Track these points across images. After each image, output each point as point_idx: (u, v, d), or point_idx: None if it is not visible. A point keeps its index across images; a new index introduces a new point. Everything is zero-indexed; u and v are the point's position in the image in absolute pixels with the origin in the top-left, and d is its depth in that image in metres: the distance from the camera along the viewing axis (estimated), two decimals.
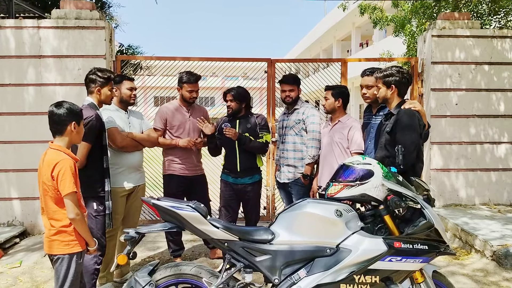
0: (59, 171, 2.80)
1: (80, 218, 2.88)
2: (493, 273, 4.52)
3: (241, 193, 4.66)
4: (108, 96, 3.80)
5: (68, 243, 2.92)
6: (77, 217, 2.85)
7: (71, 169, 2.83)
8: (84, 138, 3.49)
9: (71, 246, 2.93)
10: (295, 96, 4.65)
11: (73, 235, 2.93)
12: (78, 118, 2.99)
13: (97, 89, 3.72)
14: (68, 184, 2.80)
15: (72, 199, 2.83)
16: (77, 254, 2.96)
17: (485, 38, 6.48)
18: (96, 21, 5.89)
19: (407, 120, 3.30)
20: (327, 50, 34.00)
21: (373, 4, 10.84)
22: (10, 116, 5.83)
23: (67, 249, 2.92)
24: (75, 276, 2.95)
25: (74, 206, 2.84)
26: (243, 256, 2.83)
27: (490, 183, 6.54)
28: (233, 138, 4.46)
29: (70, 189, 2.80)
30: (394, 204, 2.75)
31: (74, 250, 2.94)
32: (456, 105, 6.45)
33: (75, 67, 5.86)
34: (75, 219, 2.86)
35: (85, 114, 3.54)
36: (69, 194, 2.81)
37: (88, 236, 2.99)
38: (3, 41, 5.82)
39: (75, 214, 2.84)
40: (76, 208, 2.85)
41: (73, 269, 2.94)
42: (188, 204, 2.83)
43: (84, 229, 2.95)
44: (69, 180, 2.80)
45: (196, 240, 5.55)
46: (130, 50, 10.54)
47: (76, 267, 2.96)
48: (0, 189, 5.85)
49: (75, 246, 2.94)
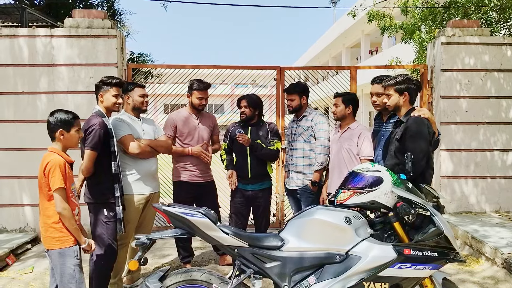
0: (50, 168, 3.00)
1: (68, 213, 3.03)
2: (504, 281, 4.49)
3: (252, 199, 4.67)
4: (112, 103, 3.81)
5: (58, 239, 3.06)
6: (63, 211, 3.01)
7: (60, 167, 3.01)
8: (89, 145, 3.56)
9: (62, 241, 3.06)
10: (295, 105, 4.66)
11: (64, 231, 3.07)
12: (66, 126, 3.13)
13: (100, 96, 3.79)
14: (56, 180, 2.99)
15: (61, 194, 3.01)
16: (69, 249, 3.07)
17: (495, 45, 6.47)
18: (108, 29, 5.97)
19: (416, 128, 3.31)
20: (336, 57, 33.99)
21: (382, 11, 10.85)
22: (23, 123, 5.92)
23: (58, 245, 3.06)
24: (72, 270, 3.05)
25: (62, 200, 3.01)
26: (252, 263, 2.84)
27: (500, 191, 6.50)
28: (246, 144, 4.48)
29: (58, 184, 2.99)
30: (404, 211, 2.75)
31: (65, 245, 3.07)
32: (466, 112, 6.43)
33: (87, 76, 5.93)
34: (62, 213, 3.01)
35: (90, 123, 3.62)
36: (58, 189, 3.00)
37: (77, 232, 3.10)
38: (17, 50, 5.91)
39: (62, 209, 3.00)
40: (64, 203, 3.02)
41: (68, 264, 3.06)
42: (198, 210, 2.85)
43: (71, 224, 3.06)
44: (58, 176, 2.99)
45: (205, 247, 5.57)
46: (141, 58, 10.64)
47: (70, 261, 3.06)
48: (12, 195, 5.94)
49: (67, 241, 3.07)
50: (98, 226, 3.68)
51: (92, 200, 3.70)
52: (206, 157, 4.66)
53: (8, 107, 5.93)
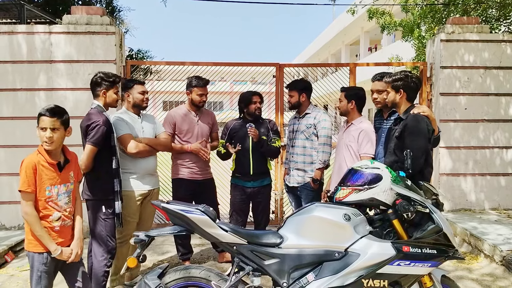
0: (20, 168, 2.91)
1: (29, 218, 2.90)
2: (502, 278, 4.50)
3: (253, 196, 4.66)
4: (114, 99, 3.82)
5: (30, 242, 2.99)
6: (25, 216, 2.90)
7: (27, 169, 2.88)
8: (91, 140, 3.54)
9: (33, 245, 2.98)
10: (294, 102, 4.65)
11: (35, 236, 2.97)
12: (37, 121, 3.08)
13: (102, 92, 3.76)
14: (20, 181, 2.89)
15: (23, 197, 2.89)
16: (40, 254, 2.98)
17: (495, 43, 6.47)
18: (107, 26, 5.95)
19: (415, 125, 3.31)
20: (336, 54, 33.95)
21: (382, 9, 10.83)
22: (21, 120, 5.91)
23: (31, 247, 2.99)
24: (38, 276, 2.97)
25: (25, 204, 2.89)
26: (251, 260, 2.84)
27: (499, 188, 6.51)
28: (255, 139, 4.49)
29: (20, 187, 2.88)
30: (403, 208, 2.75)
31: (35, 249, 2.97)
32: (465, 109, 6.43)
33: (86, 72, 5.92)
34: (24, 218, 2.92)
35: (93, 118, 3.59)
36: (20, 192, 2.89)
37: (44, 239, 2.94)
38: (15, 46, 5.90)
39: (24, 213, 2.90)
40: (27, 207, 2.88)
41: (35, 268, 2.98)
42: (197, 207, 2.85)
43: (36, 230, 2.92)
44: (23, 178, 2.88)
45: (204, 244, 5.57)
46: (140, 55, 10.59)
47: (39, 267, 2.97)
48: (11, 192, 5.92)
49: (37, 246, 2.97)
50: (96, 223, 3.67)
51: (91, 196, 3.69)
52: (205, 154, 4.65)
53: (6, 104, 5.92)
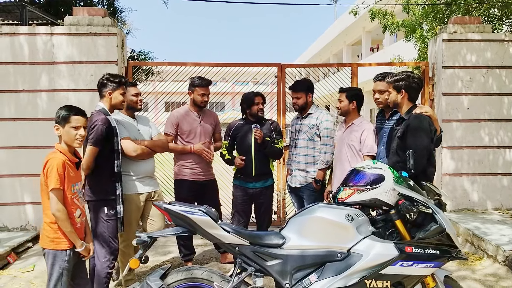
0: (48, 167, 2.94)
1: (61, 215, 2.94)
2: (505, 278, 4.48)
3: (255, 197, 4.65)
4: (119, 101, 3.82)
5: (53, 240, 3.00)
6: (57, 213, 2.93)
7: (58, 167, 2.93)
8: (90, 141, 3.54)
9: (56, 243, 3.00)
10: (302, 103, 4.64)
11: (59, 233, 3.00)
12: (62, 121, 3.09)
13: (108, 93, 3.76)
14: (52, 179, 2.92)
15: (56, 195, 2.93)
16: (62, 252, 3.00)
17: (497, 42, 6.45)
18: (108, 27, 5.95)
19: (417, 125, 3.30)
20: (338, 54, 33.94)
21: (384, 9, 10.82)
22: (23, 121, 5.91)
23: (52, 245, 3.00)
24: (59, 273, 2.99)
25: (57, 202, 2.93)
26: (254, 261, 2.83)
27: (502, 188, 6.49)
28: (259, 140, 4.49)
29: (53, 184, 2.91)
30: (406, 208, 2.74)
31: (58, 247, 3.00)
32: (467, 109, 6.41)
33: (88, 73, 5.92)
34: (55, 215, 2.94)
35: (93, 119, 3.61)
36: (53, 190, 2.92)
37: (72, 236, 3.00)
38: (17, 48, 5.90)
39: (56, 210, 2.93)
40: (59, 204, 2.93)
41: (57, 266, 2.99)
42: (199, 208, 2.84)
43: (66, 227, 2.97)
44: (54, 176, 2.92)
45: (206, 245, 5.56)
46: (142, 56, 10.60)
47: (61, 264, 3.00)
48: (13, 194, 5.93)
49: (61, 244, 3.00)
50: (99, 224, 3.67)
51: (93, 197, 3.69)
52: (208, 155, 4.65)
53: (8, 105, 5.92)
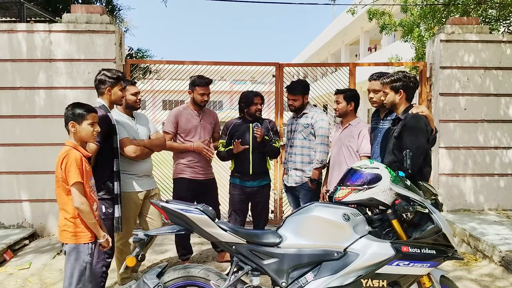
0: (66, 163, 2.96)
1: (85, 208, 2.98)
2: (501, 278, 4.50)
3: (252, 196, 4.66)
4: (119, 96, 3.80)
5: (75, 234, 3.03)
6: (81, 206, 2.96)
7: (76, 162, 2.97)
8: None
9: (78, 237, 3.03)
10: (298, 105, 4.65)
11: (81, 227, 3.03)
12: (77, 118, 3.07)
13: (107, 89, 3.73)
14: (73, 174, 2.94)
15: (78, 188, 2.96)
16: (85, 245, 3.04)
17: (494, 43, 6.47)
18: (106, 25, 5.94)
19: (414, 125, 3.31)
20: (335, 54, 33.96)
21: (382, 9, 10.83)
22: (21, 119, 5.90)
23: (74, 240, 3.03)
24: (83, 267, 3.03)
25: (80, 195, 2.97)
26: (250, 259, 2.84)
27: (499, 189, 6.51)
28: (259, 139, 4.50)
29: (75, 178, 2.94)
30: (402, 208, 2.75)
31: (81, 241, 3.04)
32: (464, 109, 6.43)
33: (86, 71, 5.91)
34: (80, 208, 2.97)
35: None
36: (75, 184, 2.95)
37: (95, 227, 3.07)
38: (15, 45, 5.89)
39: (80, 203, 2.96)
40: (82, 197, 2.97)
41: (80, 260, 3.03)
42: (196, 207, 2.84)
43: (89, 219, 3.02)
44: (74, 170, 2.95)
45: (204, 243, 5.57)
46: (140, 54, 10.59)
47: (84, 258, 3.03)
48: (10, 191, 5.92)
49: (83, 237, 3.04)
50: None
51: None
52: (208, 153, 4.65)
53: (6, 103, 5.91)
